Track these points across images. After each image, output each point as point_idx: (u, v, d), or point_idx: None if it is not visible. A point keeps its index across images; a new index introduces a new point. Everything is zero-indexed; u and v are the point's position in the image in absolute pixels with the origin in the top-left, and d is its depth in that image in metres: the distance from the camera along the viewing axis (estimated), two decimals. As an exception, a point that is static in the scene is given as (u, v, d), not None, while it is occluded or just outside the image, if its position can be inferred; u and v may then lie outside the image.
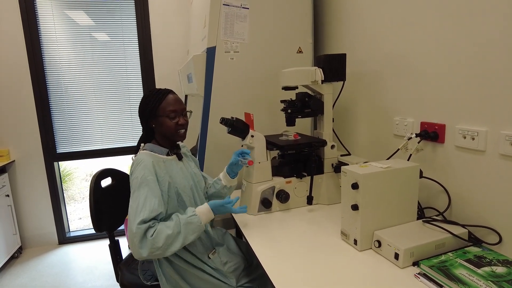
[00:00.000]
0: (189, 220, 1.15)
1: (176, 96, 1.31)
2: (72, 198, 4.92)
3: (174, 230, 1.11)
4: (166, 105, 1.26)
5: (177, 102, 1.29)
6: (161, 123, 1.27)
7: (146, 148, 1.30)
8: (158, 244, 1.08)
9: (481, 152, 1.11)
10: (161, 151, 1.30)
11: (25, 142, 2.82)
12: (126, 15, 2.87)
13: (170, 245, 1.11)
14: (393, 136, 1.53)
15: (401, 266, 0.98)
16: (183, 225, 1.13)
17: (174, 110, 1.26)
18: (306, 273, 0.99)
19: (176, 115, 1.27)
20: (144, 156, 1.23)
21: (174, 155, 1.34)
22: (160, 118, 1.26)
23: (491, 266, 0.92)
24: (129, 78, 2.97)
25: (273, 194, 1.45)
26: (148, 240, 1.07)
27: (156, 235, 1.08)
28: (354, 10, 1.75)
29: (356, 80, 1.76)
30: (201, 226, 1.17)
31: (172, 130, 1.27)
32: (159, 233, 1.09)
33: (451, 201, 1.24)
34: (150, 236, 1.07)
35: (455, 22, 1.17)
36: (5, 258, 2.54)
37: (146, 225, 1.09)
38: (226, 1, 1.73)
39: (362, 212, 1.07)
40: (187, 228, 1.14)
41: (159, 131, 1.30)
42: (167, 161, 1.29)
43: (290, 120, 1.57)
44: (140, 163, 1.20)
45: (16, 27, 2.65)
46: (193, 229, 1.15)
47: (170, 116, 1.26)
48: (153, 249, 1.07)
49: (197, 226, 1.16)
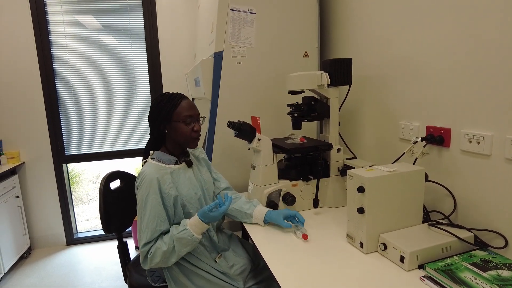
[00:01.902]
0: (180, 235, 1.18)
1: (190, 101, 1.30)
2: (79, 199, 4.97)
3: (169, 245, 1.17)
4: (181, 110, 1.25)
5: (192, 107, 1.28)
6: (176, 129, 1.25)
7: (154, 156, 1.29)
8: (156, 260, 1.17)
9: (487, 157, 1.12)
10: (170, 160, 1.29)
11: (35, 144, 2.87)
12: (134, 19, 2.91)
13: (168, 259, 1.19)
14: (399, 140, 1.54)
15: (407, 269, 0.99)
16: (175, 240, 1.18)
17: (190, 116, 1.26)
18: (312, 275, 1.01)
19: (192, 120, 1.27)
20: (150, 170, 1.22)
21: (183, 163, 1.33)
22: (174, 124, 1.25)
23: (497, 270, 0.92)
24: (137, 81, 3.01)
25: (279, 197, 1.47)
26: (148, 258, 1.18)
27: (154, 253, 1.17)
28: (360, 15, 1.76)
29: (362, 84, 1.77)
30: (193, 239, 1.18)
31: (187, 136, 1.26)
32: (156, 251, 1.17)
33: (456, 204, 1.24)
34: (150, 255, 1.17)
35: (461, 26, 1.18)
36: (15, 258, 2.58)
37: (148, 246, 1.18)
38: (233, 6, 1.76)
39: (368, 215, 1.08)
40: (180, 243, 1.18)
41: (172, 136, 1.28)
42: (174, 172, 1.28)
43: (296, 124, 1.58)
44: (144, 180, 1.20)
45: (27, 31, 2.71)
46: (185, 243, 1.18)
47: (186, 121, 1.25)
48: (153, 264, 1.18)
49: (188, 240, 1.18)
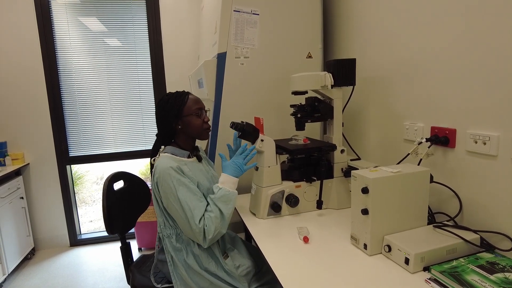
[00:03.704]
0: (218, 195, 1.23)
1: (196, 96, 1.37)
2: (83, 201, 4.98)
3: (215, 210, 1.21)
4: (191, 104, 1.32)
5: (199, 100, 1.36)
6: (188, 123, 1.31)
7: (166, 151, 1.31)
8: (212, 228, 1.19)
9: (493, 157, 1.10)
10: (182, 154, 1.33)
11: (39, 146, 2.89)
12: (138, 21, 2.93)
13: (222, 224, 1.22)
14: (403, 141, 1.53)
15: (412, 271, 0.97)
16: (217, 202, 1.22)
17: (200, 108, 1.33)
18: (316, 277, 1.00)
19: (202, 112, 1.34)
20: (166, 161, 1.24)
21: (194, 157, 1.37)
22: (186, 118, 1.31)
23: (504, 272, 0.91)
24: (140, 83, 3.02)
25: (282, 198, 1.46)
26: (206, 231, 1.20)
27: (208, 224, 1.20)
28: (363, 15, 1.76)
29: (366, 84, 1.76)
30: (231, 193, 1.25)
31: (199, 127, 1.33)
32: (208, 220, 1.20)
33: (462, 206, 1.23)
34: (206, 227, 1.20)
35: (466, 26, 1.17)
36: (18, 259, 2.59)
37: (202, 222, 1.20)
38: (236, 7, 1.76)
39: (372, 217, 1.07)
40: (222, 202, 1.23)
41: (185, 131, 1.34)
42: (189, 164, 1.31)
43: (300, 125, 1.57)
44: (164, 171, 1.22)
45: (32, 34, 2.73)
46: (227, 200, 1.23)
47: (197, 114, 1.32)
48: (211, 235, 1.19)
49: (227, 195, 1.24)
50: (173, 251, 1.30)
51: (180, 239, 1.30)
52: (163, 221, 1.31)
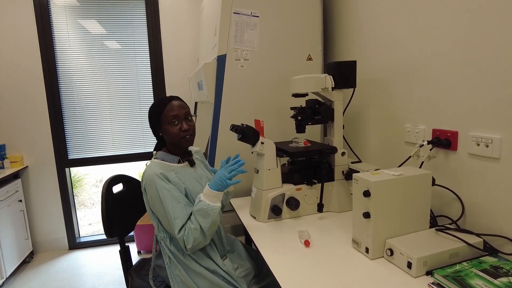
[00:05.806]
0: (197, 208, 1.18)
1: (179, 102, 1.30)
2: (82, 204, 4.96)
3: (195, 222, 1.17)
4: (167, 112, 1.26)
5: (179, 107, 1.28)
6: (166, 131, 1.27)
7: (157, 156, 1.31)
8: (190, 239, 1.16)
9: (496, 160, 1.10)
10: (172, 159, 1.31)
11: (38, 148, 2.87)
12: (137, 23, 2.92)
13: (202, 235, 1.18)
14: (405, 143, 1.52)
15: (414, 275, 0.96)
16: (196, 215, 1.18)
17: (175, 116, 1.25)
18: (317, 281, 0.98)
19: (178, 120, 1.26)
20: (153, 167, 1.23)
21: (186, 162, 1.35)
22: (164, 126, 1.27)
23: (508, 276, 0.90)
24: (140, 85, 3.01)
25: (283, 201, 1.45)
26: (184, 241, 1.18)
27: (187, 234, 1.17)
28: (364, 17, 1.75)
29: (366, 87, 1.75)
30: (209, 207, 1.17)
31: (176, 136, 1.27)
32: (188, 232, 1.17)
33: (464, 209, 1.22)
34: (184, 237, 1.17)
35: (467, 28, 1.17)
36: (17, 262, 2.57)
37: (182, 231, 1.18)
38: (236, 10, 1.75)
39: (374, 220, 1.06)
40: (200, 215, 1.17)
41: (166, 139, 1.31)
42: (177, 170, 1.29)
43: (300, 127, 1.57)
44: (150, 178, 1.20)
45: (31, 36, 2.72)
46: (204, 214, 1.17)
47: (172, 122, 1.25)
48: (190, 245, 1.17)
49: (205, 210, 1.17)
50: (170, 252, 1.29)
51: (175, 241, 1.29)
52: (157, 224, 1.30)
